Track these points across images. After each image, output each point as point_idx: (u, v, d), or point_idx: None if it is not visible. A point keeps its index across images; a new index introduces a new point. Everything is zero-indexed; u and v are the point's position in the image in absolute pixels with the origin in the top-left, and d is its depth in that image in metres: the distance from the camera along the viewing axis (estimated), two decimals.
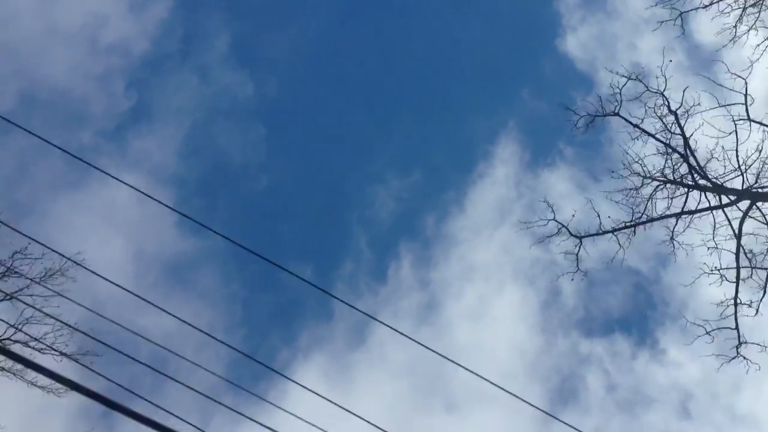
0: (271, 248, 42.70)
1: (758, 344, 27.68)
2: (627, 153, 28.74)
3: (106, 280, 12.92)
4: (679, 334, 34.49)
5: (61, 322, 25.22)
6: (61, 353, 28.11)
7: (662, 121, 28.59)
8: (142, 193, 12.80)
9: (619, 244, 28.97)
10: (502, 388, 12.52)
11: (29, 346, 27.96)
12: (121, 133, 42.56)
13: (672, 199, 28.46)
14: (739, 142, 27.66)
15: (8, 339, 27.83)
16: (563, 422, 14.42)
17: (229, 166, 44.24)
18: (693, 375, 35.11)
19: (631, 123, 28.93)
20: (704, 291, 34.69)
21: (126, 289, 12.77)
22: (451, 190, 45.08)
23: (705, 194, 28.23)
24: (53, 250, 15.77)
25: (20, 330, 27.54)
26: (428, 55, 46.02)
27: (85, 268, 13.45)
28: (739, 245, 27.42)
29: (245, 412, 31.68)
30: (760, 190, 27.69)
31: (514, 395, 13.53)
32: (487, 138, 44.27)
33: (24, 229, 29.48)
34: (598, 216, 28.89)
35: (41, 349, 28.02)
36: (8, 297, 26.79)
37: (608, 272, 38.50)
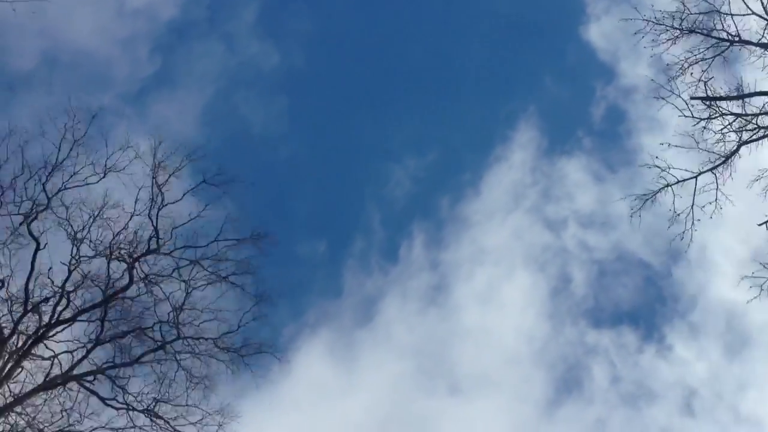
0: (284, 221, 42.73)
1: None
2: None
3: None
4: (687, 331, 34.49)
5: None
6: None
7: None
8: None
9: None
10: None
11: None
12: (143, 98, 42.55)
13: None
14: None
15: None
16: None
17: (249, 136, 44.16)
18: (698, 373, 35.02)
19: None
20: (714, 289, 34.66)
21: None
22: (467, 172, 44.96)
23: None
24: None
25: None
26: (453, 37, 45.82)
27: None
28: None
29: (248, 382, 31.48)
30: None
31: None
32: (506, 122, 44.06)
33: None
34: None
35: None
36: None
37: (619, 263, 38.40)
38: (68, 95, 37.40)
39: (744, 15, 26.55)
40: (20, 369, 26.10)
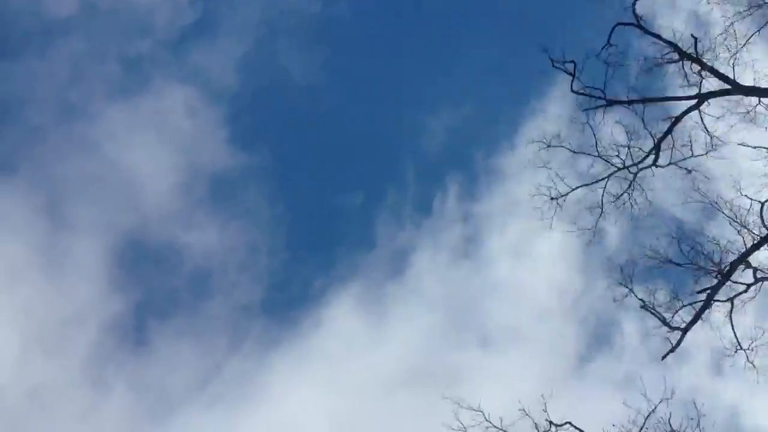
0: (321, 171, 42.77)
1: None
2: None
3: None
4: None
5: None
6: None
7: None
8: None
9: None
10: None
11: None
12: (182, 45, 42.50)
13: None
14: None
15: None
16: None
17: (288, 85, 44.02)
18: (729, 334, 34.55)
19: None
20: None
21: None
22: (502, 124, 44.62)
23: None
24: None
25: None
26: None
27: None
28: None
29: (279, 334, 31.99)
30: None
31: None
32: (542, 74, 43.41)
33: (72, 132, 29.64)
34: None
35: None
36: None
37: (653, 218, 37.84)
38: (107, 42, 37.56)
39: None
40: None
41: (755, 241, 30.46)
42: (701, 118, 31.39)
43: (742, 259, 30.71)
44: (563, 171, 33.78)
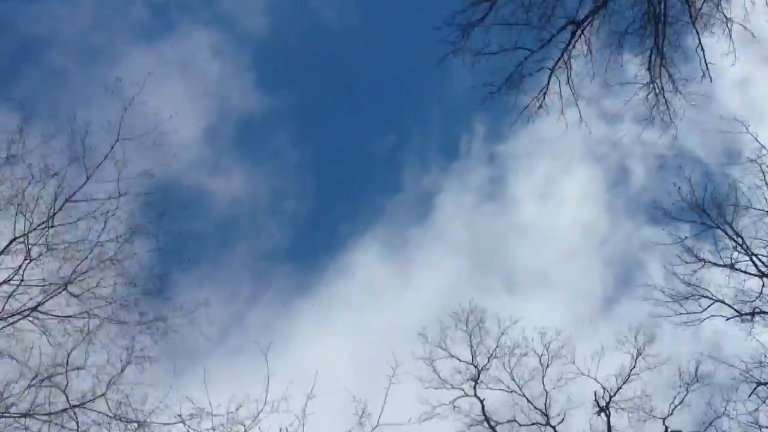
0: (346, 116, 42.61)
1: None
2: None
3: None
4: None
5: None
6: None
7: None
8: None
9: None
10: None
11: None
12: None
13: None
14: None
15: None
16: None
17: (316, 28, 43.56)
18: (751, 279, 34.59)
19: None
20: None
21: None
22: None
23: None
24: None
25: None
26: None
27: None
28: None
29: (303, 280, 32.30)
30: None
31: None
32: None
33: (93, 75, 29.55)
34: None
35: None
36: None
37: (678, 158, 37.81)
38: None
39: None
40: None
41: None
42: None
43: None
44: None
